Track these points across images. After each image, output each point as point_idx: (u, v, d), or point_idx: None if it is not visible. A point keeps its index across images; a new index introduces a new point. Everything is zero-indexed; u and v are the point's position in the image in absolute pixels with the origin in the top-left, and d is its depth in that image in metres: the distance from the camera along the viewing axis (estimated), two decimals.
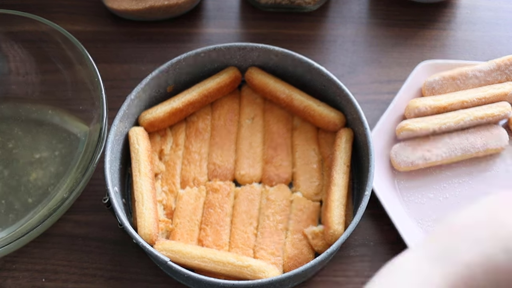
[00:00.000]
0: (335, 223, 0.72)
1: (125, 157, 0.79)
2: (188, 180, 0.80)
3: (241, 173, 0.81)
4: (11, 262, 0.77)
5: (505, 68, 0.87)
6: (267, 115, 0.86)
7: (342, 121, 0.81)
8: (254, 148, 0.83)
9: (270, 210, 0.78)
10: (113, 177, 0.74)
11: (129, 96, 0.77)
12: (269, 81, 0.83)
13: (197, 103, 0.83)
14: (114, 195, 0.71)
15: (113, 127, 0.75)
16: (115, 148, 0.76)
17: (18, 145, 0.83)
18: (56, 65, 0.86)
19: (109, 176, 0.71)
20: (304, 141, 0.83)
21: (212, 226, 0.76)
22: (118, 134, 0.76)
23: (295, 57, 0.82)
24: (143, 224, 0.71)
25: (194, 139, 0.83)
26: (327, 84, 0.82)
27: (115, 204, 0.70)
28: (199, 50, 0.81)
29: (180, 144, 0.83)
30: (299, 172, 0.81)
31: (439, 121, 0.82)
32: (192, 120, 0.85)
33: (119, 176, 0.77)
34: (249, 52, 0.83)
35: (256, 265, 0.69)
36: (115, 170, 0.75)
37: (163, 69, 0.80)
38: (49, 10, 1.00)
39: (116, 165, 0.76)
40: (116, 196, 0.72)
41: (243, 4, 1.03)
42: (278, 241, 0.75)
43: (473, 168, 0.84)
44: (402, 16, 1.02)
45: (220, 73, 0.84)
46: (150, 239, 0.70)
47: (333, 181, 0.75)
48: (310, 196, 0.79)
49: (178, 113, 0.82)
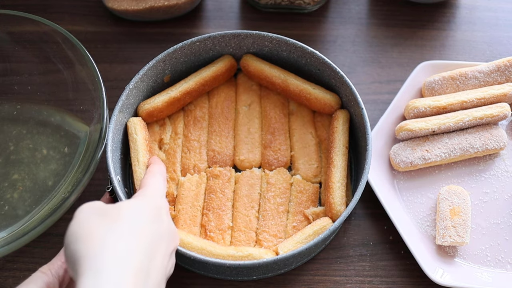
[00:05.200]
0: (337, 204, 0.73)
1: (126, 147, 0.80)
2: (189, 167, 0.81)
3: (241, 159, 0.82)
4: (12, 261, 0.78)
5: (505, 69, 0.88)
6: (264, 101, 0.87)
7: (338, 102, 0.82)
8: (252, 133, 0.84)
9: (271, 193, 0.79)
10: (115, 166, 0.75)
11: (127, 86, 0.78)
12: (265, 67, 0.85)
13: (194, 92, 0.84)
14: (117, 183, 0.71)
15: (113, 117, 0.75)
16: (116, 138, 0.77)
17: (18, 145, 0.83)
18: (57, 65, 0.86)
19: (111, 164, 0.72)
20: (301, 125, 0.84)
21: (214, 211, 0.77)
22: (118, 124, 0.77)
23: (289, 43, 0.83)
24: None
25: (192, 127, 0.84)
26: (322, 67, 0.83)
27: (119, 191, 0.70)
28: (194, 39, 0.82)
29: (179, 133, 0.84)
30: (298, 156, 0.82)
31: (439, 121, 0.82)
32: (190, 109, 0.86)
33: (120, 166, 0.78)
34: (243, 40, 0.84)
35: (256, 253, 0.70)
36: (116, 159, 0.76)
37: (159, 58, 0.81)
38: (49, 11, 1.00)
39: (117, 155, 0.77)
40: (119, 185, 0.73)
41: (243, 4, 1.03)
42: (280, 223, 0.77)
43: (472, 169, 0.85)
44: (402, 16, 1.02)
45: (216, 62, 0.85)
46: None
47: (333, 163, 0.76)
48: (309, 178, 0.81)
49: (176, 102, 0.83)
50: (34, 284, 0.59)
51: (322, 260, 0.79)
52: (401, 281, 0.77)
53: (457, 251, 0.78)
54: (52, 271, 0.62)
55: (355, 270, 0.78)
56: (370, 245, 0.80)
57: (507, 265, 0.77)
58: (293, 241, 0.71)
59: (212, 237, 0.75)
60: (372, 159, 0.79)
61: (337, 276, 0.78)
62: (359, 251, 0.80)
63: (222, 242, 0.75)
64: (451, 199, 0.79)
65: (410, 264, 0.78)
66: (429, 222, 0.80)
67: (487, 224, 0.80)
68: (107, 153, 0.73)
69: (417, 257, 0.75)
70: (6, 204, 0.78)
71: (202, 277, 0.77)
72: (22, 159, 0.82)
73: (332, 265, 0.78)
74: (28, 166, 0.81)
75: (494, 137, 0.83)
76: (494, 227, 0.80)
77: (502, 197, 0.82)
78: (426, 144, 0.83)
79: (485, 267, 0.77)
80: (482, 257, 0.78)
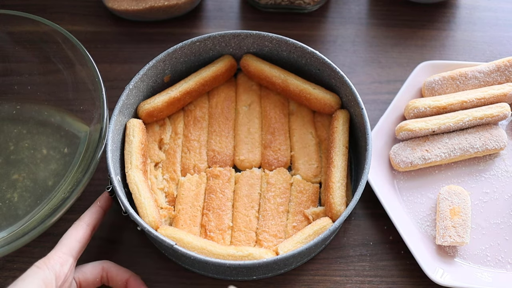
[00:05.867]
0: (337, 204, 0.73)
1: None
2: (189, 167, 0.81)
3: (241, 159, 0.82)
4: (12, 261, 0.78)
5: (505, 69, 0.88)
6: (264, 101, 0.87)
7: (338, 103, 0.82)
8: (252, 133, 0.84)
9: (271, 193, 0.79)
10: (115, 166, 0.75)
11: (127, 86, 0.78)
12: (265, 67, 0.85)
13: (194, 92, 0.84)
14: (117, 183, 0.72)
15: (113, 117, 0.75)
16: (116, 138, 0.77)
17: (18, 145, 0.83)
18: (57, 65, 0.86)
19: (111, 164, 0.72)
20: (301, 125, 0.84)
21: (214, 211, 0.77)
22: (118, 124, 0.77)
23: (289, 43, 0.83)
24: (145, 213, 0.72)
25: (192, 127, 0.84)
26: (322, 67, 0.83)
27: (118, 191, 0.70)
28: (194, 39, 0.82)
29: (179, 133, 0.84)
30: (298, 156, 0.82)
31: (439, 121, 0.82)
32: (190, 109, 0.86)
33: (120, 166, 0.78)
34: (243, 40, 0.84)
35: (257, 253, 0.70)
36: (116, 159, 0.76)
37: (159, 58, 0.81)
38: (49, 11, 1.00)
39: (117, 155, 0.77)
40: (119, 185, 0.73)
41: (243, 4, 1.03)
42: (280, 223, 0.77)
43: (472, 169, 0.85)
44: (402, 16, 1.02)
45: (216, 62, 0.86)
46: (155, 226, 0.71)
47: (333, 163, 0.76)
48: (309, 178, 0.81)
49: (176, 102, 0.83)
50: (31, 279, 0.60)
51: (322, 260, 0.79)
52: (401, 281, 0.77)
53: (457, 251, 0.78)
54: (48, 265, 0.62)
55: (355, 270, 0.78)
56: (370, 245, 0.80)
57: (507, 265, 0.77)
58: (293, 241, 0.71)
59: (212, 237, 0.75)
60: (372, 159, 0.80)
61: (337, 276, 0.78)
62: (359, 251, 0.80)
63: (222, 242, 0.75)
64: (451, 199, 0.79)
65: (410, 264, 0.78)
66: (429, 222, 0.80)
67: (487, 224, 0.80)
68: (107, 153, 0.73)
69: (417, 257, 0.75)
70: (6, 204, 0.78)
71: (202, 277, 0.77)
72: (22, 159, 0.82)
73: (332, 265, 0.78)
74: (28, 166, 0.81)
75: (494, 137, 0.83)
76: (494, 227, 0.80)
77: (502, 197, 0.82)
78: (426, 144, 0.83)
79: (485, 267, 0.77)
80: (482, 257, 0.78)
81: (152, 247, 0.79)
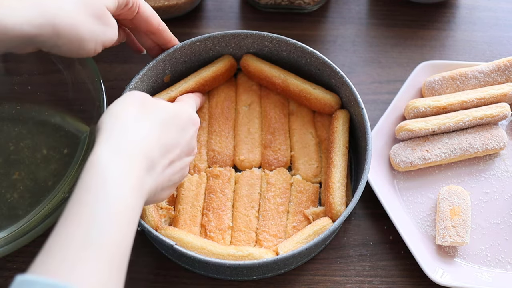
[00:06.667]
0: (337, 204, 0.73)
1: None
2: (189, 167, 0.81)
3: (241, 159, 0.82)
4: (12, 262, 0.78)
5: (505, 69, 0.88)
6: (264, 101, 0.87)
7: (338, 103, 0.82)
8: (252, 133, 0.84)
9: (271, 193, 0.79)
10: None
11: (127, 86, 0.78)
12: (265, 67, 0.85)
13: (194, 92, 0.84)
14: None
15: None
16: None
17: (19, 145, 0.83)
18: (57, 65, 0.86)
19: None
20: (301, 125, 0.84)
21: (214, 211, 0.77)
22: None
23: (289, 43, 0.83)
24: (145, 213, 0.72)
25: None
26: (322, 67, 0.83)
27: None
28: (194, 39, 0.82)
29: None
30: (298, 156, 0.82)
31: (439, 121, 0.82)
32: None
33: None
34: (243, 40, 0.84)
35: (257, 253, 0.70)
36: None
37: (159, 58, 0.81)
38: None
39: None
40: None
41: (243, 4, 1.03)
42: (280, 223, 0.77)
43: (472, 169, 0.85)
44: (402, 16, 1.02)
45: (216, 62, 0.85)
46: (155, 226, 0.72)
47: (333, 163, 0.76)
48: (309, 178, 0.81)
49: None
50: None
51: (322, 260, 0.79)
52: (401, 281, 0.77)
53: (457, 251, 0.78)
54: None
55: (355, 270, 0.78)
56: (370, 245, 0.80)
57: (507, 265, 0.77)
58: (293, 241, 0.72)
59: (212, 237, 0.75)
60: (372, 159, 0.79)
61: (337, 276, 0.78)
62: (359, 251, 0.80)
63: (222, 242, 0.75)
64: (451, 199, 0.79)
65: (410, 264, 0.78)
66: (429, 222, 0.80)
67: (487, 224, 0.80)
68: None
69: (417, 257, 0.75)
70: (6, 204, 0.78)
71: (202, 277, 0.77)
72: (22, 159, 0.82)
73: (332, 265, 0.78)
74: (28, 166, 0.81)
75: (494, 137, 0.83)
76: (494, 227, 0.80)
77: (502, 197, 0.82)
78: (426, 144, 0.83)
79: (485, 267, 0.77)
80: (482, 257, 0.78)
81: (152, 247, 0.79)
